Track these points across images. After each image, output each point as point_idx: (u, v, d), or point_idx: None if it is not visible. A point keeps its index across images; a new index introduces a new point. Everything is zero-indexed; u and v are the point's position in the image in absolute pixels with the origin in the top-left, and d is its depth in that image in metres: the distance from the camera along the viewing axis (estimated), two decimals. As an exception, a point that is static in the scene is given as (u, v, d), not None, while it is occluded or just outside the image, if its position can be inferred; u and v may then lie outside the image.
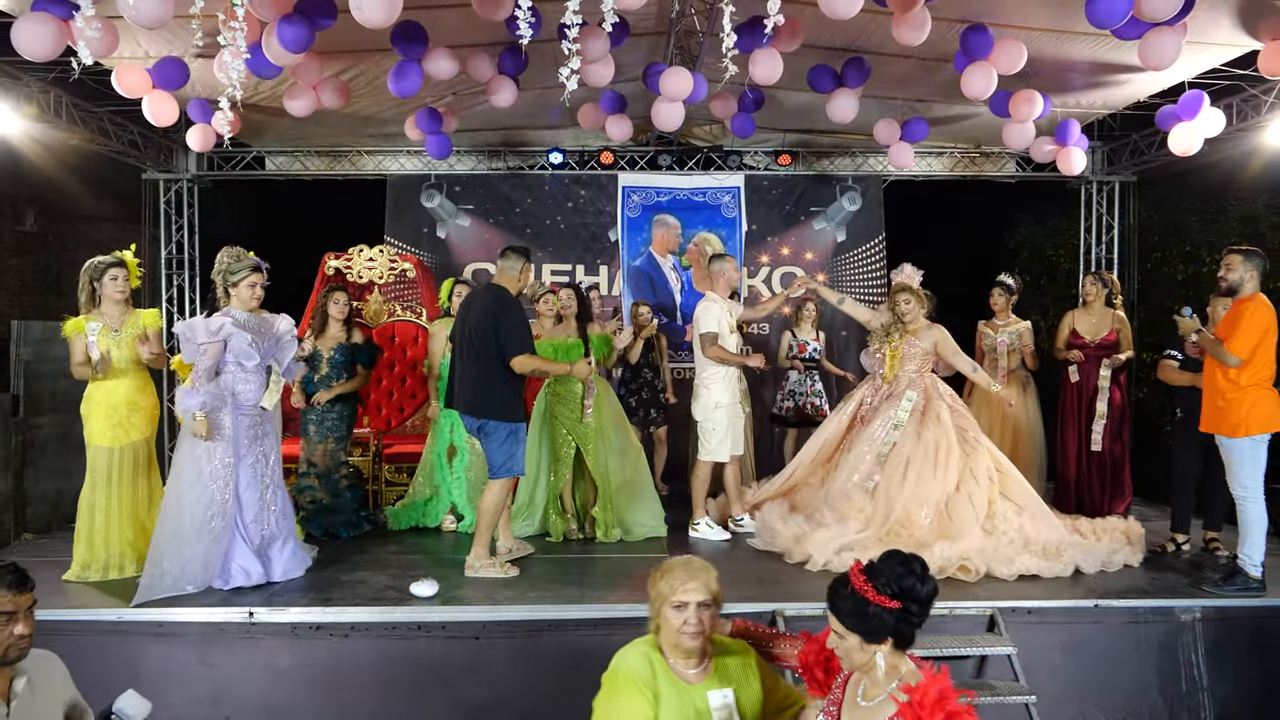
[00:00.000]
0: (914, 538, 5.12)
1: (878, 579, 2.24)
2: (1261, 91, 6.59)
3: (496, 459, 5.01)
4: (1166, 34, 4.74)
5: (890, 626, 2.23)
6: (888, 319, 5.84)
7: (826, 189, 8.98)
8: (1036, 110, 6.02)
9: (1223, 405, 4.61)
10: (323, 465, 5.86)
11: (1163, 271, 9.88)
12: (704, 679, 2.55)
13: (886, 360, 5.78)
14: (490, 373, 4.96)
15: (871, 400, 5.85)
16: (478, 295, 5.26)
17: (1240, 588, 4.61)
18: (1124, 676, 4.44)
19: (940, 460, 5.42)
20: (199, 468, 4.63)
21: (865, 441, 5.64)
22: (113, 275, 4.92)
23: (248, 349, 4.69)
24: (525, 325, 5.05)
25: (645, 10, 5.83)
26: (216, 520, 4.66)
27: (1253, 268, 4.59)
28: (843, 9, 4.26)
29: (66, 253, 8.99)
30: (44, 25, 4.40)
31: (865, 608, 2.22)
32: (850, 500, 5.43)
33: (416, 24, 5.30)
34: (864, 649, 2.25)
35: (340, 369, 5.88)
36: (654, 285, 8.84)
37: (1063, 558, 5.02)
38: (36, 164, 7.93)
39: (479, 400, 4.99)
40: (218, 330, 4.63)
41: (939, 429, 5.51)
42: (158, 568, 4.54)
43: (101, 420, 4.91)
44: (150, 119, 5.82)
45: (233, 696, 4.19)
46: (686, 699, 2.50)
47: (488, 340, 4.94)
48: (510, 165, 8.93)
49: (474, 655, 4.30)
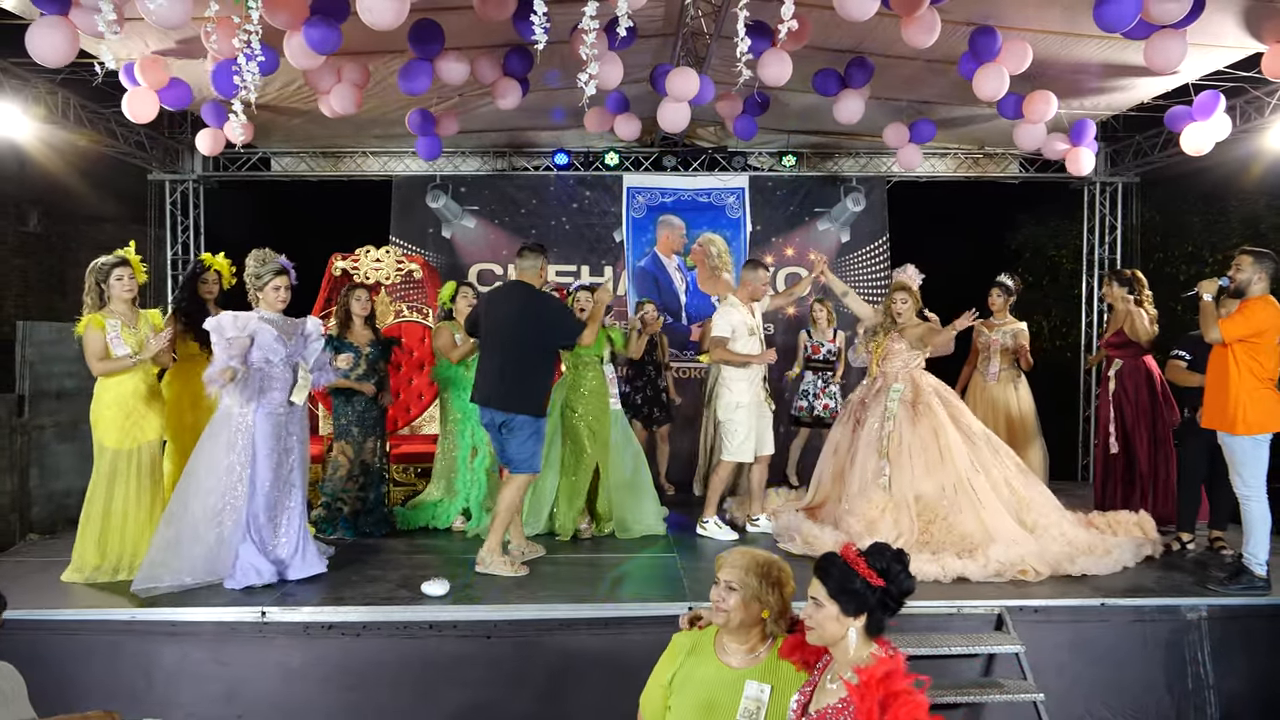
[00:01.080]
0: (954, 531, 5.20)
1: (869, 556, 2.37)
2: (1265, 93, 6.63)
3: (520, 455, 5.05)
4: (1173, 37, 4.77)
5: (869, 604, 2.33)
6: (881, 317, 5.93)
7: (831, 190, 9.01)
8: (1051, 110, 6.03)
9: (1224, 402, 4.64)
10: (373, 465, 5.89)
11: (1165, 272, 9.93)
12: (750, 666, 2.61)
13: (872, 357, 5.86)
14: (527, 366, 5.03)
15: (864, 399, 5.92)
16: (505, 292, 5.33)
17: (1245, 587, 4.64)
18: (1131, 675, 4.46)
19: (943, 445, 5.48)
20: (216, 461, 4.66)
21: (865, 442, 5.69)
22: (118, 275, 4.92)
23: (274, 344, 4.75)
24: (571, 311, 5.38)
25: (653, 12, 5.86)
26: (227, 516, 4.68)
27: (1262, 270, 4.61)
28: (858, 11, 4.29)
29: (70, 253, 9.02)
30: (58, 31, 4.41)
31: (852, 580, 2.33)
32: (869, 499, 5.43)
33: (434, 23, 5.31)
34: (840, 620, 2.34)
35: (374, 365, 5.91)
36: (659, 286, 8.87)
37: (1111, 555, 5.12)
38: (41, 165, 7.96)
39: (511, 394, 5.03)
40: (245, 325, 4.71)
41: (932, 417, 5.57)
42: (159, 557, 4.57)
43: (113, 420, 4.89)
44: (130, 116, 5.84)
45: (245, 695, 4.21)
46: (718, 676, 2.60)
47: (528, 333, 5.03)
48: (515, 166, 8.96)
49: (485, 654, 4.32)
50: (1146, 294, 6.06)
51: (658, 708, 2.70)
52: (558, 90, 6.96)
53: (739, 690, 2.56)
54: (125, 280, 4.93)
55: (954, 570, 4.90)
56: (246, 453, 4.71)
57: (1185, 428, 5.65)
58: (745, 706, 2.53)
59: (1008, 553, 4.99)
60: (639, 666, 4.27)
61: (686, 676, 2.66)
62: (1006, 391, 6.81)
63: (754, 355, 5.90)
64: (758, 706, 2.53)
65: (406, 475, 6.79)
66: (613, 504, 6.02)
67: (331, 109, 5.94)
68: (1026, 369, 6.85)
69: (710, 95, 6.14)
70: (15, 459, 6.61)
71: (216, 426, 4.75)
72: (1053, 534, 5.26)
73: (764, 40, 4.89)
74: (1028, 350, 6.80)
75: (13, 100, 6.33)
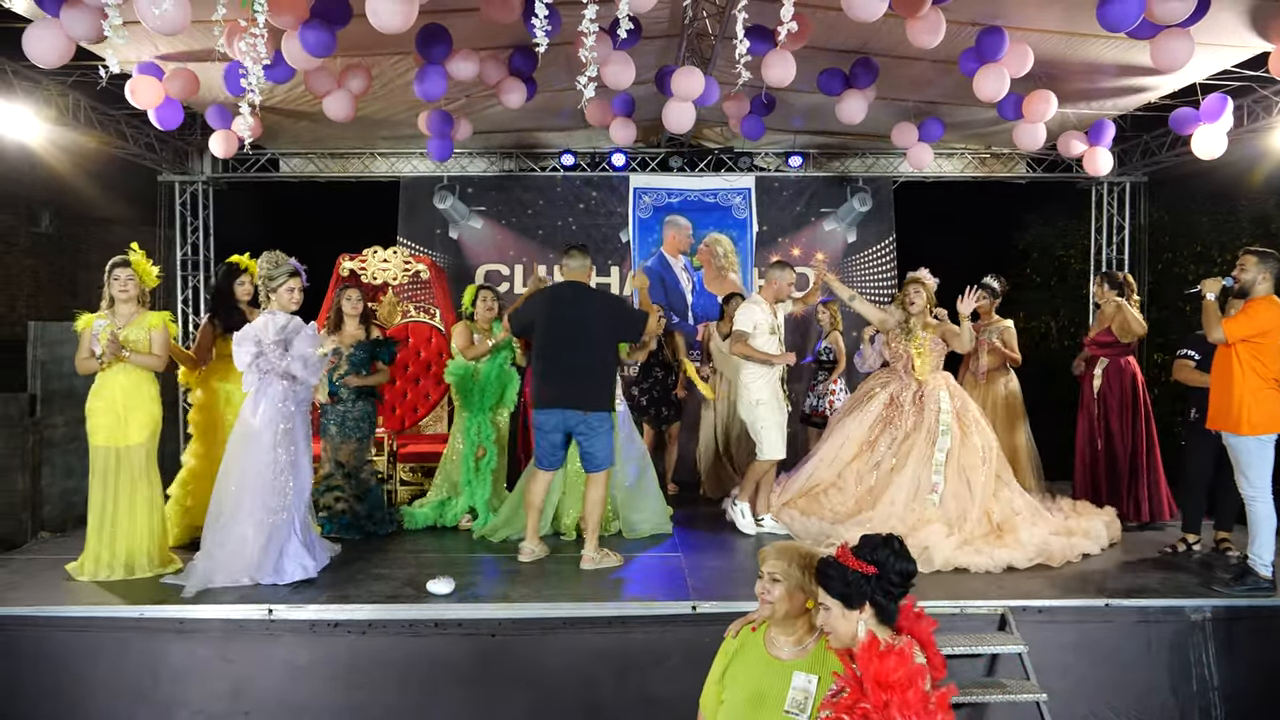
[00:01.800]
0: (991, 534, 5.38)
1: (858, 549, 2.44)
2: (1272, 92, 6.61)
3: (602, 452, 5.18)
4: (1179, 36, 4.77)
5: (867, 593, 2.38)
6: (900, 316, 5.90)
7: (837, 190, 9.01)
8: (1050, 110, 6.02)
9: (1229, 402, 4.64)
10: (349, 465, 5.90)
11: (1173, 272, 9.89)
12: (798, 658, 2.65)
13: (914, 359, 5.84)
14: (600, 364, 5.15)
15: (900, 397, 5.84)
16: (563, 294, 5.33)
17: (1251, 588, 4.63)
18: (1135, 676, 4.46)
19: (985, 459, 5.63)
20: (260, 461, 4.72)
21: (916, 461, 5.61)
22: (116, 275, 4.95)
23: (309, 349, 4.86)
24: (630, 302, 5.54)
25: (658, 14, 5.88)
26: (277, 515, 4.76)
27: (1267, 270, 4.61)
28: (866, 12, 4.30)
29: (81, 254, 9.10)
30: (53, 32, 4.46)
31: (846, 575, 2.40)
32: (919, 515, 5.43)
33: (441, 27, 5.34)
34: (845, 616, 2.40)
35: (359, 366, 5.91)
36: (665, 286, 8.88)
37: (1104, 536, 5.59)
38: (52, 166, 8.02)
39: (589, 394, 5.13)
40: (283, 326, 4.83)
41: (981, 433, 5.69)
42: (209, 560, 4.65)
43: (100, 419, 4.92)
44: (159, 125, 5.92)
45: (252, 692, 4.25)
46: (768, 670, 2.65)
47: (598, 331, 5.13)
48: (522, 167, 8.99)
49: (490, 652, 4.35)
50: (1135, 299, 6.36)
51: (712, 705, 2.77)
52: (564, 91, 6.98)
53: (787, 681, 2.60)
54: (122, 280, 4.94)
55: (1002, 560, 5.11)
56: (289, 452, 4.80)
57: (1191, 428, 5.64)
58: (793, 697, 2.58)
59: (1033, 534, 5.27)
60: (643, 665, 4.33)
61: (737, 671, 2.72)
62: (996, 388, 6.93)
63: (775, 355, 5.90)
64: (805, 697, 2.57)
65: (414, 475, 6.83)
66: (618, 504, 6.03)
67: (330, 115, 5.99)
68: (1015, 366, 6.96)
69: (716, 96, 6.15)
70: (27, 458, 6.68)
71: (257, 425, 4.78)
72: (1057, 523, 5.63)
73: (765, 42, 4.90)
74: (1014, 346, 6.94)
75: (24, 102, 6.39)
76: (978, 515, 5.42)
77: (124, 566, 4.91)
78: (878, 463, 5.77)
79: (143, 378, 4.99)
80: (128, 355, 4.85)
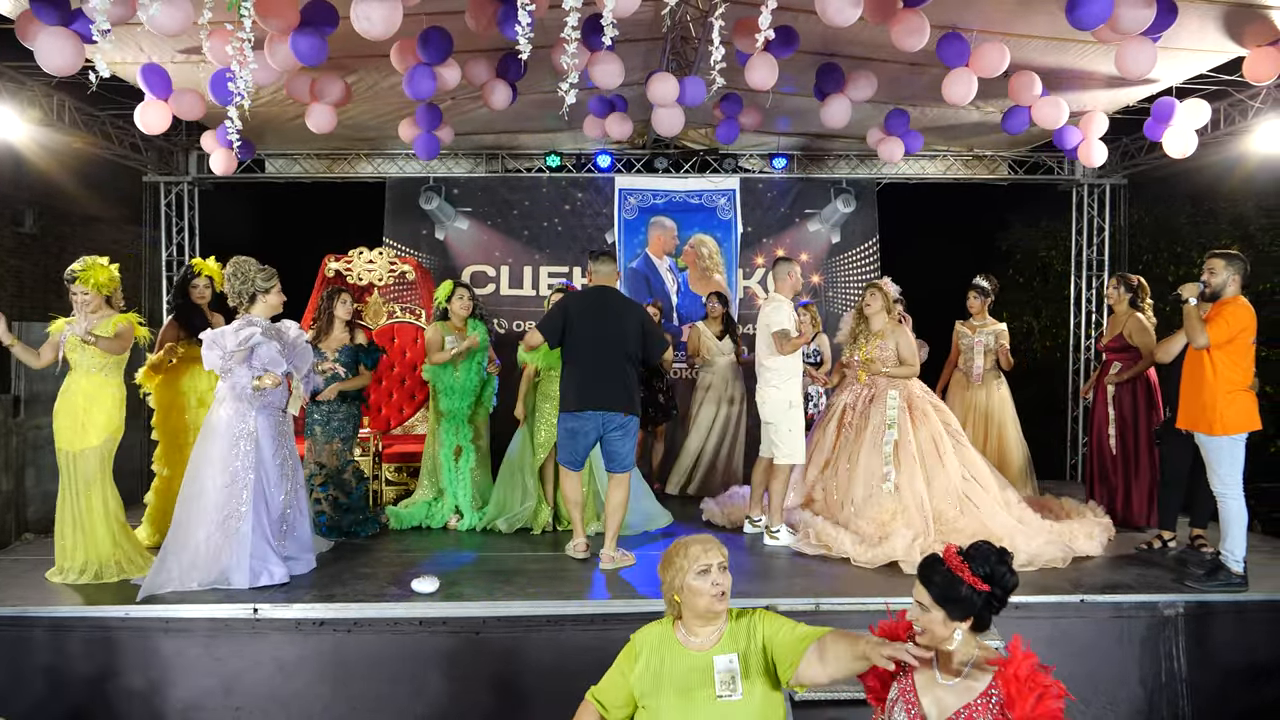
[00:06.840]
0: (961, 532, 5.30)
1: (973, 561, 2.40)
2: (1248, 96, 6.70)
3: (629, 454, 5.31)
4: (1141, 43, 4.84)
5: (975, 607, 2.37)
6: (853, 323, 6.02)
7: (821, 191, 9.08)
8: (1036, 87, 6.01)
9: (1201, 404, 4.71)
10: (331, 466, 5.91)
11: (1154, 273, 10.01)
12: (712, 645, 2.67)
13: (860, 364, 5.92)
14: (632, 369, 5.26)
15: (853, 404, 5.97)
16: (601, 299, 5.32)
17: (1223, 583, 4.71)
18: (1106, 669, 4.54)
19: (941, 452, 5.63)
20: (223, 465, 4.68)
21: (867, 451, 5.71)
22: (70, 290, 4.89)
23: (276, 357, 4.78)
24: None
25: (640, 17, 5.92)
26: (237, 518, 4.70)
27: (1235, 272, 4.69)
28: (839, 16, 4.36)
29: (66, 255, 9.02)
30: (65, 41, 4.46)
31: (958, 586, 2.36)
32: (880, 505, 5.49)
33: (443, 30, 5.36)
34: (946, 624, 2.39)
35: (345, 370, 5.95)
36: (650, 287, 8.94)
37: (1095, 538, 5.56)
38: (37, 166, 8.01)
39: (630, 397, 5.25)
40: (247, 339, 4.69)
41: (929, 425, 5.71)
42: (170, 559, 4.62)
43: (62, 420, 4.90)
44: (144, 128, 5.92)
45: (242, 688, 4.28)
46: (691, 665, 2.65)
47: (632, 341, 5.21)
48: (508, 168, 9.03)
49: (475, 649, 4.39)
50: (1148, 302, 6.23)
51: (616, 700, 2.74)
52: (548, 93, 7.01)
53: (710, 668, 2.62)
54: (77, 295, 4.88)
55: None
56: (252, 456, 4.74)
57: (1166, 427, 5.73)
58: (720, 680, 2.60)
59: (1029, 543, 5.22)
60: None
61: (656, 676, 2.68)
62: (988, 392, 6.94)
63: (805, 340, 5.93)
64: (731, 676, 2.60)
65: (399, 475, 6.86)
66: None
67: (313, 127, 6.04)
68: (1007, 369, 6.96)
69: (701, 97, 6.19)
70: (11, 459, 6.68)
71: (218, 430, 4.75)
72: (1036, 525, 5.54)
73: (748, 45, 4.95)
74: (1008, 350, 6.92)
75: (9, 103, 6.38)
76: (937, 508, 5.45)
77: (92, 572, 4.87)
78: (837, 470, 5.88)
79: (106, 383, 4.91)
80: (92, 340, 4.77)
